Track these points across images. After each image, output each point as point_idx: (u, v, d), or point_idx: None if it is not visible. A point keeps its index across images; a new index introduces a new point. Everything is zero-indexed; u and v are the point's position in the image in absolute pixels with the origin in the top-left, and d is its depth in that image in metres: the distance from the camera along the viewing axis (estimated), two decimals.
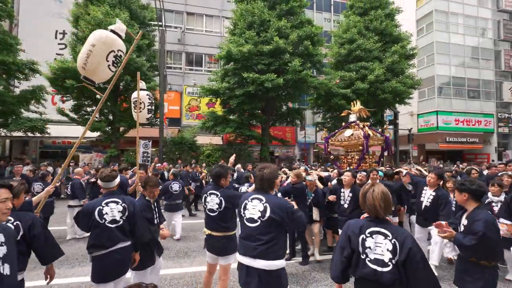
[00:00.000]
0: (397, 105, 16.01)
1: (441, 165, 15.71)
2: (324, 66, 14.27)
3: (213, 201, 2.98)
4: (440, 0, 23.20)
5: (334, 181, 4.69)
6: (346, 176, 4.27)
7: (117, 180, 2.71)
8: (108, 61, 2.59)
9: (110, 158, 12.57)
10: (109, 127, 12.85)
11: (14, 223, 2.05)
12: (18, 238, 2.03)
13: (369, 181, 4.49)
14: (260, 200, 2.25)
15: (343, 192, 4.29)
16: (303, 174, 4.88)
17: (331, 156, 7.50)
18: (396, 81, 13.81)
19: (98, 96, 12.72)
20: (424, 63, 23.36)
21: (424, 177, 4.46)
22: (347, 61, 14.87)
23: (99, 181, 2.73)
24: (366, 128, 6.19)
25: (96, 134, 14.61)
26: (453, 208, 4.20)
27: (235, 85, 12.79)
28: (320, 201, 4.49)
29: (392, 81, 13.70)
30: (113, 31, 2.68)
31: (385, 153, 7.11)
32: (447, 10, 23.30)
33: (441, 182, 4.00)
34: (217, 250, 2.94)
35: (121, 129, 13.33)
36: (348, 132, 6.38)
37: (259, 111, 13.88)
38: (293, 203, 2.42)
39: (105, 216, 2.49)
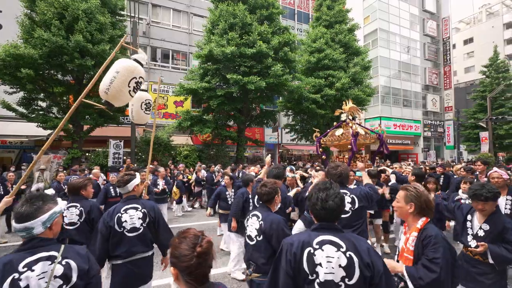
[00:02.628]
0: None
1: (388, 163, 18.36)
2: (296, 71, 15.21)
3: None
4: (383, 21, 26.90)
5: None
6: (319, 175, 4.03)
7: (134, 182, 2.49)
8: (129, 86, 2.70)
9: (72, 159, 11.08)
10: (71, 125, 11.32)
11: (79, 209, 2.81)
12: (82, 220, 2.80)
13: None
14: (345, 193, 2.59)
15: None
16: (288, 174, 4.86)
17: (323, 156, 7.57)
18: (357, 89, 15.65)
19: (57, 90, 11.12)
20: (371, 75, 26.78)
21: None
22: (316, 69, 16.15)
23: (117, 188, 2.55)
24: (355, 126, 5.90)
25: (47, 132, 12.69)
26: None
27: (216, 86, 12.69)
28: (299, 200, 4.19)
29: (355, 89, 15.49)
30: (136, 60, 2.79)
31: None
32: (388, 29, 27.14)
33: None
34: None
35: (85, 127, 11.86)
36: (338, 132, 6.13)
37: (237, 112, 14.02)
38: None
39: (124, 224, 2.30)
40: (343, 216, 2.56)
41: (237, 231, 4.04)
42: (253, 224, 2.23)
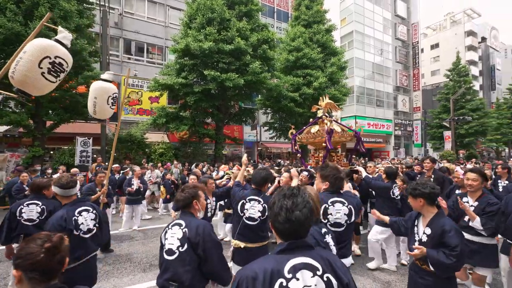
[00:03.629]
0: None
1: (362, 161, 19.08)
2: (275, 70, 15.24)
3: (254, 208, 2.67)
4: (358, 23, 27.84)
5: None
6: (283, 177, 3.84)
7: (78, 185, 2.70)
8: (41, 68, 2.20)
9: (33, 158, 10.18)
10: (31, 120, 10.37)
11: (41, 207, 2.98)
12: (42, 218, 2.91)
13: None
14: (342, 203, 2.33)
15: None
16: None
17: (298, 155, 7.01)
18: (334, 89, 16.05)
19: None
20: (346, 75, 27.66)
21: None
22: (294, 67, 16.29)
23: (54, 188, 2.47)
24: (330, 123, 5.48)
25: (3, 128, 11.58)
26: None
27: (193, 82, 12.33)
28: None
29: (331, 89, 15.86)
30: (57, 41, 2.35)
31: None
32: (363, 32, 28.16)
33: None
34: None
35: (48, 123, 10.94)
36: (314, 129, 5.80)
37: (215, 110, 13.75)
38: None
39: (81, 227, 2.38)
40: (337, 229, 2.24)
41: None
42: (174, 235, 1.85)
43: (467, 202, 2.95)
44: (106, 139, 11.50)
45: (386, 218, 2.64)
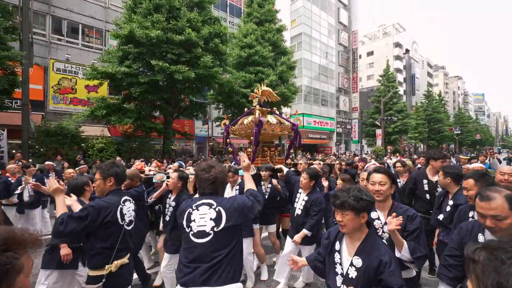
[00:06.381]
0: (282, 107, 19.39)
1: (308, 157, 20.56)
2: (227, 65, 15.20)
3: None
4: (306, 26, 29.50)
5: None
6: (172, 178, 3.16)
7: None
8: None
9: None
10: None
11: None
12: None
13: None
14: (210, 205, 1.74)
15: (169, 198, 3.18)
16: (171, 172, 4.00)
17: (230, 148, 5.97)
18: (284, 87, 16.82)
19: None
20: (295, 74, 29.18)
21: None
22: (247, 64, 16.49)
23: None
24: (263, 114, 4.63)
25: None
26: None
27: (139, 71, 11.46)
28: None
29: (281, 87, 16.58)
30: None
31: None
32: (311, 34, 29.97)
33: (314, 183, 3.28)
34: None
35: None
36: (247, 120, 4.87)
37: (164, 103, 13.07)
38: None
39: None
40: (198, 241, 1.65)
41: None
42: None
43: (377, 218, 1.93)
44: (28, 131, 9.91)
45: (304, 262, 1.86)
